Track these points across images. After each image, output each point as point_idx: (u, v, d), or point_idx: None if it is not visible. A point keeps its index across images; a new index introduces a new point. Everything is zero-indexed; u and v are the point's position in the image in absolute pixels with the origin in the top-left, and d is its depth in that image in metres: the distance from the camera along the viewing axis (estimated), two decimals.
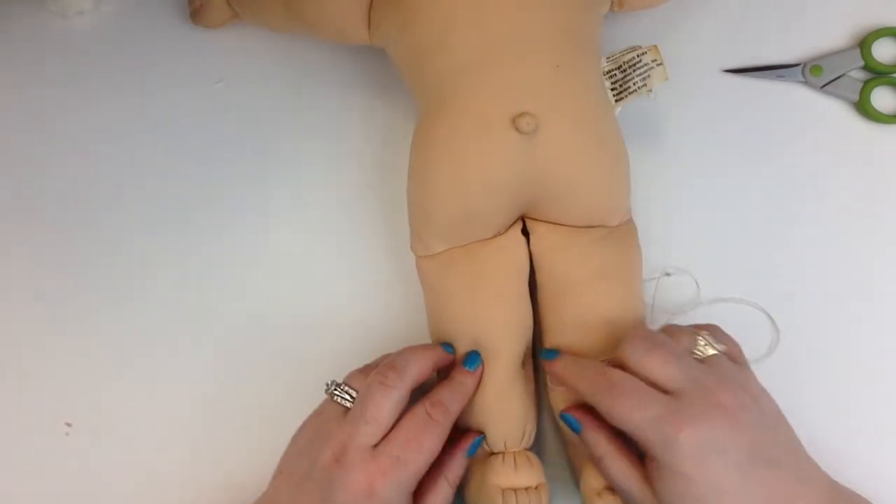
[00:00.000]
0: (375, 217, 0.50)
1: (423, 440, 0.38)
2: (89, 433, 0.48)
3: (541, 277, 0.44)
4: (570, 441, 0.44)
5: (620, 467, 0.38)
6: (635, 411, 0.37)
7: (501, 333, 0.42)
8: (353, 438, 0.38)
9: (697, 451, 0.36)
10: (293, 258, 0.50)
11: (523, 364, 0.43)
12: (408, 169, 0.44)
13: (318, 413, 0.41)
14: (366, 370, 0.41)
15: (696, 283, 0.48)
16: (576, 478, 0.44)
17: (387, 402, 0.38)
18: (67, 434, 0.48)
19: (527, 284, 0.44)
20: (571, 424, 0.41)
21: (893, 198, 0.50)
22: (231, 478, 0.47)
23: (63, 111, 0.53)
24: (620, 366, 0.39)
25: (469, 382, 0.42)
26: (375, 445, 0.38)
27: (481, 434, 0.42)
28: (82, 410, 0.48)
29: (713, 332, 0.41)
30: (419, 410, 0.39)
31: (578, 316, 0.43)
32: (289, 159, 0.52)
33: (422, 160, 0.43)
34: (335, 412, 0.40)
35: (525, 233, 0.44)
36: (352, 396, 0.40)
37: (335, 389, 0.40)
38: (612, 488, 0.40)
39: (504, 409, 0.42)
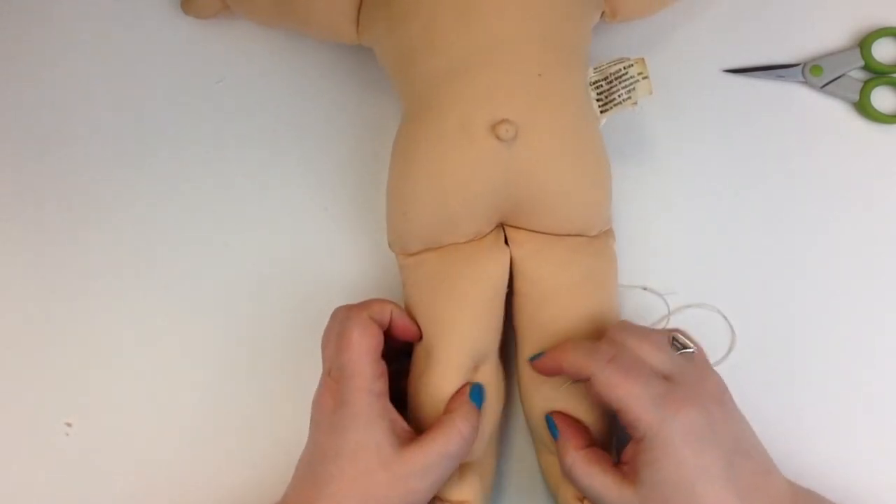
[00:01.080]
0: (379, 215, 0.50)
1: (343, 339, 0.39)
2: (89, 433, 0.48)
3: (517, 283, 0.43)
4: (548, 451, 0.43)
5: (595, 472, 0.38)
6: (637, 386, 0.37)
7: (448, 340, 0.41)
8: (324, 375, 0.40)
9: (693, 433, 0.36)
10: (293, 257, 0.50)
11: (482, 370, 0.42)
12: (388, 169, 0.44)
13: None
14: None
15: (665, 300, 0.48)
16: (551, 488, 0.44)
17: (328, 339, 0.40)
18: (67, 434, 0.48)
19: (496, 294, 0.43)
20: (552, 429, 0.41)
21: (893, 198, 0.50)
22: (231, 478, 0.47)
23: (62, 110, 0.53)
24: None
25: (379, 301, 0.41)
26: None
27: (479, 384, 0.42)
28: (82, 410, 0.48)
29: (683, 333, 0.41)
30: (332, 321, 0.41)
31: (553, 323, 0.42)
32: (289, 159, 0.52)
33: (402, 162, 0.43)
34: None
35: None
36: None
37: None
38: None
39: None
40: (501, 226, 0.44)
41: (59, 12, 0.54)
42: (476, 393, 0.41)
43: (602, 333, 0.41)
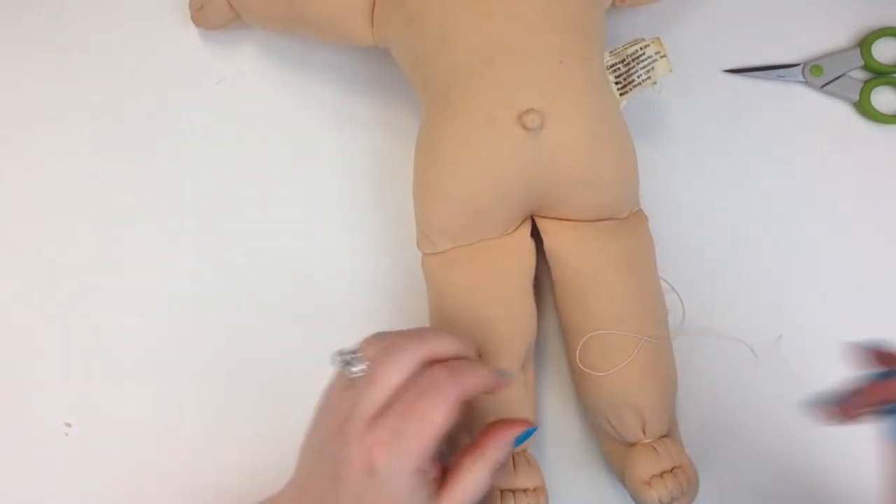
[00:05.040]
0: (379, 215, 0.50)
1: (424, 407, 0.33)
2: (89, 433, 0.48)
3: (558, 274, 0.44)
4: (607, 436, 0.43)
5: None
6: None
7: (502, 336, 0.42)
8: (355, 406, 0.34)
9: None
10: (296, 257, 0.50)
11: (524, 367, 0.43)
12: (413, 168, 0.44)
13: (328, 386, 0.37)
14: (380, 336, 0.37)
15: (682, 302, 0.47)
16: (616, 473, 0.44)
17: (395, 366, 0.34)
18: (67, 434, 0.48)
19: (531, 286, 0.44)
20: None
21: (893, 198, 0.50)
22: (232, 477, 0.47)
23: (62, 111, 0.53)
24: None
25: (489, 375, 0.36)
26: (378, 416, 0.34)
27: (535, 426, 0.39)
28: (82, 410, 0.48)
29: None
30: (422, 374, 0.34)
31: (603, 306, 0.42)
32: (290, 159, 0.52)
33: (428, 159, 0.43)
34: (342, 381, 0.36)
35: (533, 236, 0.44)
36: (358, 361, 0.36)
37: (343, 356, 0.36)
38: (660, 475, 0.40)
39: (502, 411, 0.42)
40: (529, 218, 0.44)
41: (64, 9, 0.55)
42: (526, 436, 0.38)
43: (651, 309, 0.42)
